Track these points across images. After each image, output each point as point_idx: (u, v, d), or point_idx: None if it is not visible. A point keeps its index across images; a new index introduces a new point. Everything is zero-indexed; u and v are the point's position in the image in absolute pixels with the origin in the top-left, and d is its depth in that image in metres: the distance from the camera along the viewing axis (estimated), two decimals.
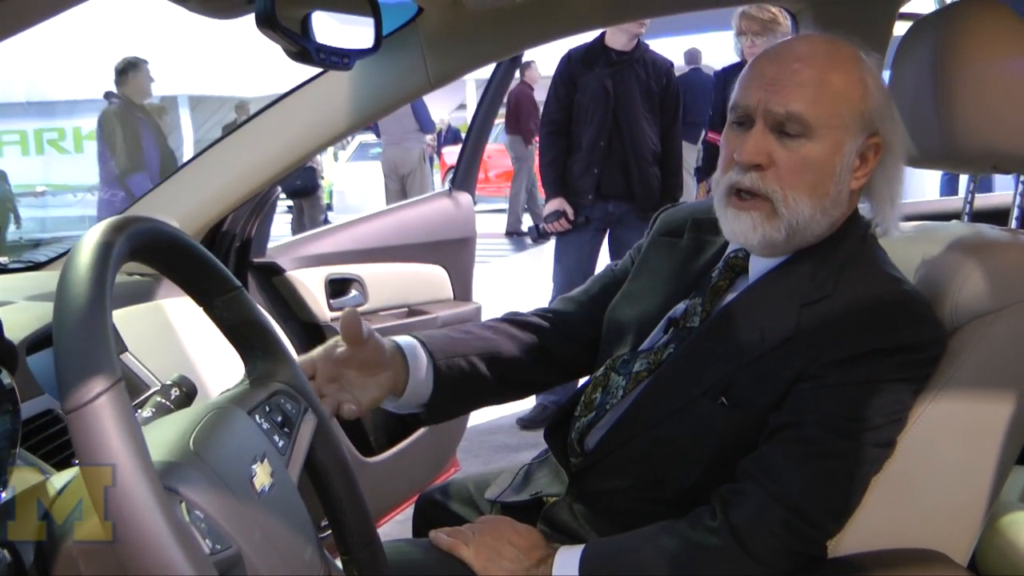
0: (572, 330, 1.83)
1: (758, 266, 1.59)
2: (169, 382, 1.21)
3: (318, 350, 1.60)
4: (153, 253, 1.03)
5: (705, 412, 1.51)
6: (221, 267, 1.14)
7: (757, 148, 1.49)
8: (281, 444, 1.11)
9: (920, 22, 1.64)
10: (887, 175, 1.56)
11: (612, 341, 1.73)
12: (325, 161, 15.09)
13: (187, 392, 1.20)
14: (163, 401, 1.17)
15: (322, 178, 9.89)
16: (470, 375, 1.73)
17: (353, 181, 14.97)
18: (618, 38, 4.62)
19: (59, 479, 0.94)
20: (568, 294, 1.91)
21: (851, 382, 1.43)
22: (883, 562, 1.46)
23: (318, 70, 2.11)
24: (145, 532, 0.77)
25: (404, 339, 1.69)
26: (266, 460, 1.03)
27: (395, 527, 3.00)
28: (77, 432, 0.79)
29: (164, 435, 0.97)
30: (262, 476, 1.01)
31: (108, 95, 7.78)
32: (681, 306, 1.65)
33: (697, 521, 1.45)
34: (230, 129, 2.28)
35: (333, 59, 1.46)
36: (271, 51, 1.57)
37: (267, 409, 1.13)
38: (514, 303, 1.96)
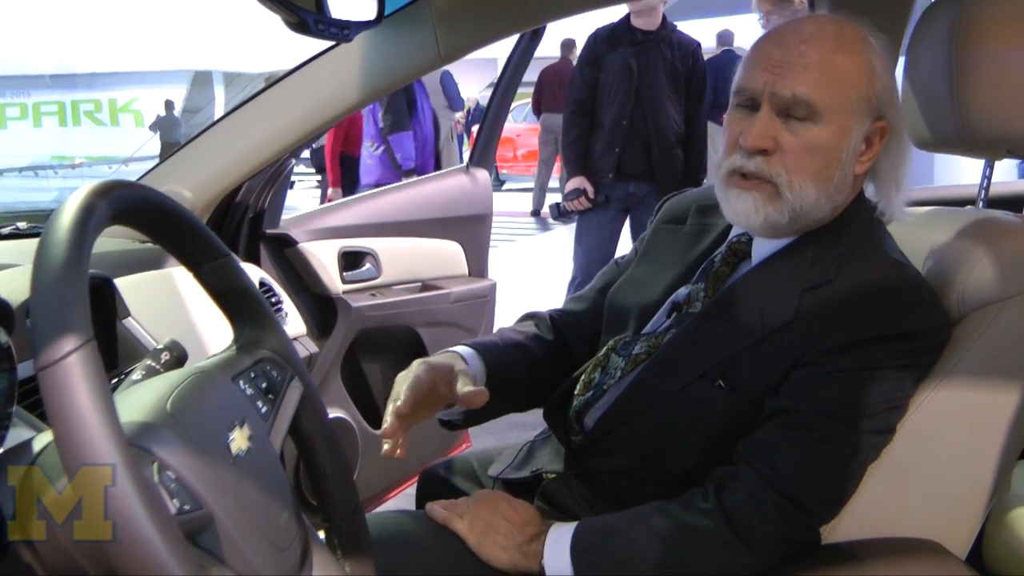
0: (582, 327, 1.82)
1: (761, 250, 1.58)
2: (160, 347, 1.22)
3: (423, 380, 1.55)
4: (138, 217, 1.04)
5: (703, 395, 1.51)
6: (210, 234, 1.15)
7: (763, 133, 1.47)
8: (264, 410, 1.12)
9: (935, 5, 1.61)
10: (892, 159, 1.54)
11: (613, 325, 1.72)
12: None
13: (177, 357, 1.21)
14: (152, 365, 1.18)
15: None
16: (512, 384, 1.73)
17: None
18: (642, 17, 4.61)
19: (45, 437, 0.95)
20: (577, 293, 1.91)
21: (850, 368, 1.42)
22: (878, 550, 1.45)
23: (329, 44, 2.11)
24: (108, 491, 0.78)
25: (465, 350, 1.68)
26: (246, 425, 1.04)
27: (404, 501, 3.01)
28: (46, 389, 0.80)
29: (143, 397, 0.98)
30: (239, 441, 1.02)
31: None
32: (684, 290, 1.64)
33: (689, 503, 1.44)
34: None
35: (332, 31, 1.45)
36: None
37: (252, 375, 1.14)
38: (537, 282, 1.97)
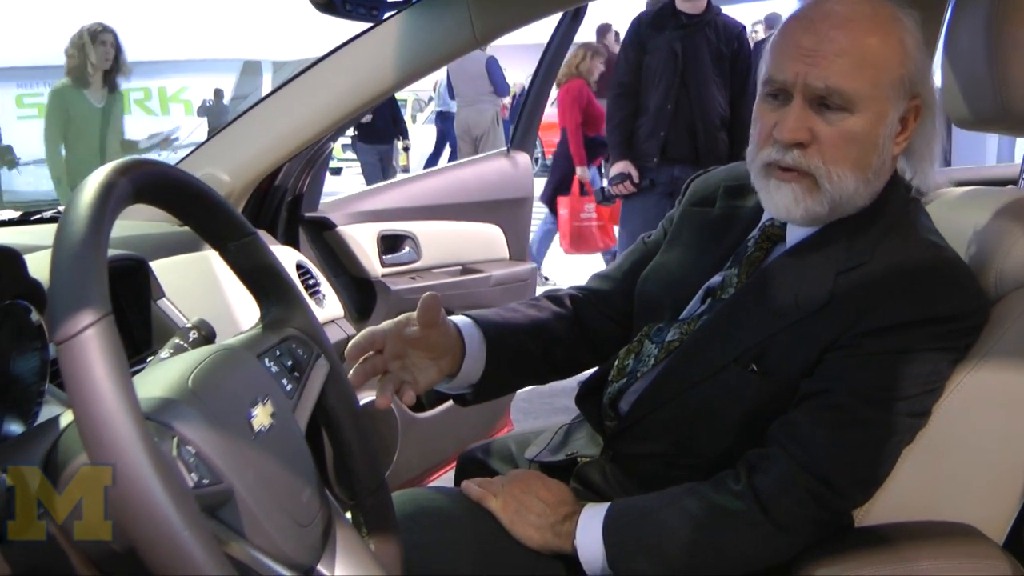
0: (607, 307, 1.81)
1: (795, 233, 1.56)
2: (188, 325, 1.23)
3: (388, 324, 1.58)
4: (161, 195, 1.04)
5: (735, 379, 1.50)
6: (235, 212, 1.16)
7: (797, 125, 1.44)
8: (289, 388, 1.13)
9: None
10: (926, 135, 1.52)
11: (644, 312, 1.71)
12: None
13: (205, 335, 1.22)
14: (180, 343, 1.19)
15: (398, 139, 9.91)
16: (519, 355, 1.72)
17: (429, 143, 14.96)
18: (688, 1, 4.58)
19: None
20: (601, 271, 1.90)
21: (885, 351, 1.40)
22: (913, 534, 1.43)
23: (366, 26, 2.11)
24: (123, 462, 0.78)
25: (461, 319, 1.69)
26: (268, 402, 1.05)
27: (443, 484, 3.01)
28: (65, 362, 0.81)
29: (165, 373, 0.99)
30: (262, 417, 1.02)
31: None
32: (718, 277, 1.63)
33: (721, 485, 1.44)
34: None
35: (360, 11, 1.45)
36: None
37: (277, 353, 1.15)
38: (581, 266, 1.96)
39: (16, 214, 2.16)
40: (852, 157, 1.45)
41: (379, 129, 9.88)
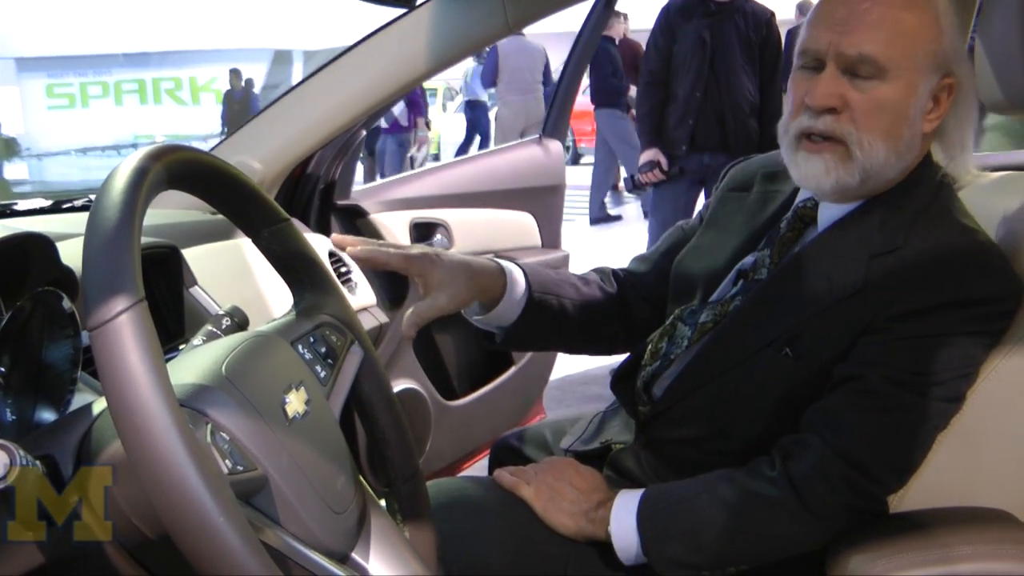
0: (645, 289, 1.82)
1: (827, 215, 1.55)
2: (222, 312, 1.23)
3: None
4: (194, 181, 1.04)
5: (769, 364, 1.49)
6: (268, 199, 1.15)
7: (829, 91, 1.44)
8: (323, 375, 1.13)
9: None
10: (959, 119, 1.51)
11: (679, 294, 1.71)
12: (434, 111, 15.08)
13: (238, 322, 1.22)
14: (213, 330, 1.19)
15: (429, 127, 9.85)
16: (556, 314, 1.72)
17: (459, 132, 14.96)
18: None
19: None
20: (641, 254, 1.90)
21: (919, 335, 1.39)
22: (947, 520, 1.42)
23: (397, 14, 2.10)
24: (157, 448, 0.78)
25: (506, 263, 1.69)
26: (302, 388, 1.05)
27: (477, 472, 3.02)
28: (98, 349, 0.80)
29: (199, 360, 0.99)
30: (295, 403, 1.02)
31: None
32: (750, 258, 1.62)
33: (755, 471, 1.43)
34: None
35: None
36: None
37: (311, 340, 1.15)
38: (613, 254, 1.96)
39: (47, 202, 2.16)
40: (883, 126, 1.45)
41: (615, 89, 9.29)
